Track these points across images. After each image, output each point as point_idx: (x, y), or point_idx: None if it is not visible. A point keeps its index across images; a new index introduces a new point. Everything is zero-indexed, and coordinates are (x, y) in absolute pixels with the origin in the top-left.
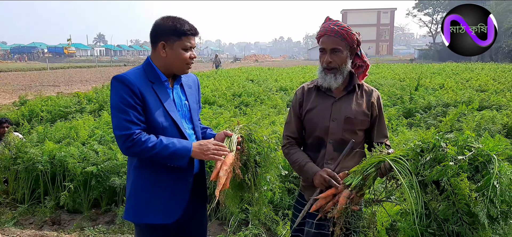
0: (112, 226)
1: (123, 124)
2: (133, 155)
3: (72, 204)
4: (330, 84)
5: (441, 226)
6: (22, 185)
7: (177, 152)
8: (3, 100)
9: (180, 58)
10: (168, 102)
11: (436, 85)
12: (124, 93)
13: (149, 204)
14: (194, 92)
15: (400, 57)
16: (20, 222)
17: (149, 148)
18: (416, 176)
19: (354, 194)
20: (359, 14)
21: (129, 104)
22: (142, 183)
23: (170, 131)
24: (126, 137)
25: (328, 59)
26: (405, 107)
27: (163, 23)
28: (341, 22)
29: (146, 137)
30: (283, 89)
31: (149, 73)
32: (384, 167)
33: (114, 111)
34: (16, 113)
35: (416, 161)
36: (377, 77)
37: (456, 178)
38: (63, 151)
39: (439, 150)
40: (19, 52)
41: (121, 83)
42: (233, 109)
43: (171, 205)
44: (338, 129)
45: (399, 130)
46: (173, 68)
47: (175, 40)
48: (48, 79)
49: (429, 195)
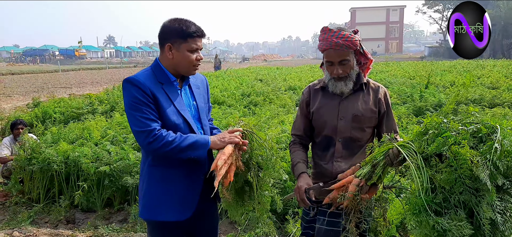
0: (125, 224)
1: (142, 121)
2: (154, 150)
3: (86, 203)
4: (342, 90)
5: (447, 198)
6: (37, 185)
7: (197, 142)
8: (17, 102)
9: (186, 60)
10: (178, 101)
11: (447, 83)
12: (137, 93)
13: (163, 201)
14: (202, 92)
15: (410, 55)
16: (35, 221)
17: (170, 141)
18: (421, 155)
19: (363, 182)
20: (368, 12)
21: (143, 102)
22: (155, 181)
23: (182, 129)
24: (147, 133)
25: (339, 71)
26: (415, 105)
27: (170, 25)
28: (341, 30)
29: (166, 132)
30: (292, 89)
31: (158, 74)
32: (392, 153)
33: (130, 111)
34: (29, 114)
35: (420, 141)
36: (386, 75)
37: (456, 147)
38: (77, 151)
39: (441, 126)
40: (31, 55)
41: (133, 85)
42: (243, 109)
43: (184, 203)
44: (347, 127)
45: (409, 129)
46: (180, 70)
47: (181, 42)
48: (60, 81)
49: (433, 168)
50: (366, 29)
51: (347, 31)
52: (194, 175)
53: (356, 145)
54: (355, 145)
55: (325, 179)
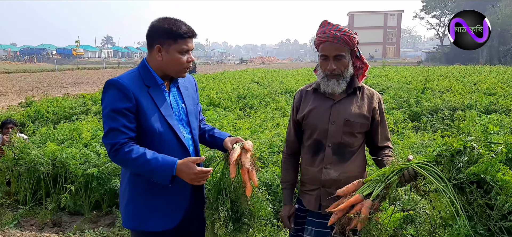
0: (113, 228)
1: (109, 131)
2: (118, 164)
3: (73, 206)
4: (333, 90)
5: (488, 226)
6: (24, 186)
7: (159, 168)
8: (11, 101)
9: (176, 62)
10: (165, 106)
11: (443, 88)
12: (117, 98)
13: (150, 211)
14: (191, 93)
15: (407, 59)
16: (21, 224)
17: (132, 159)
18: (448, 180)
19: (376, 204)
20: (366, 16)
21: (119, 111)
22: (140, 189)
23: (166, 136)
24: (111, 146)
25: (332, 66)
26: (411, 110)
27: (159, 25)
28: (340, 25)
29: (130, 148)
30: (288, 91)
31: (145, 76)
32: (408, 174)
33: (104, 118)
34: (22, 113)
35: (447, 166)
36: (383, 79)
37: (500, 174)
38: (65, 152)
39: (471, 152)
40: (29, 54)
41: (115, 88)
42: (238, 111)
43: (172, 211)
44: (337, 132)
45: (405, 134)
46: (169, 72)
47: (171, 43)
48: (56, 80)
49: (470, 196)
50: (364, 33)
51: (346, 28)
52: (181, 180)
53: (347, 150)
54: (346, 150)
55: (314, 187)
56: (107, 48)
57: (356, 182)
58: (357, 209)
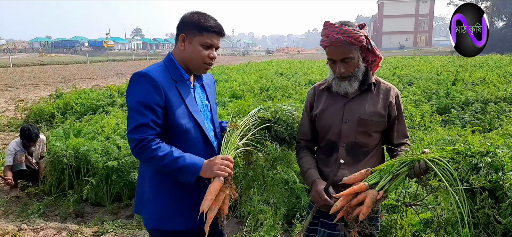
0: (132, 220)
1: (137, 126)
2: (143, 161)
3: (95, 197)
4: (346, 90)
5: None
6: (49, 177)
7: (186, 168)
8: (43, 93)
9: (198, 54)
10: (192, 103)
11: (476, 79)
12: (146, 91)
13: (174, 210)
14: (212, 92)
15: (440, 49)
16: (45, 214)
17: (159, 157)
18: (460, 181)
19: (381, 195)
20: (396, 4)
21: (148, 105)
22: (164, 187)
23: (193, 133)
24: (137, 141)
25: (341, 69)
26: (441, 102)
27: (189, 16)
28: (344, 25)
29: (157, 145)
30: (312, 83)
31: (171, 70)
32: (419, 167)
33: (130, 111)
34: (51, 105)
35: (462, 165)
36: (412, 70)
37: None
38: (87, 145)
39: (494, 157)
40: (62, 46)
41: (145, 81)
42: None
43: (195, 209)
44: (351, 131)
45: (432, 128)
46: (190, 65)
47: (195, 34)
48: (87, 72)
49: (481, 203)
50: (393, 22)
51: (351, 25)
52: (204, 182)
53: (362, 151)
54: (361, 151)
55: None
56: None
57: (364, 171)
58: (361, 199)
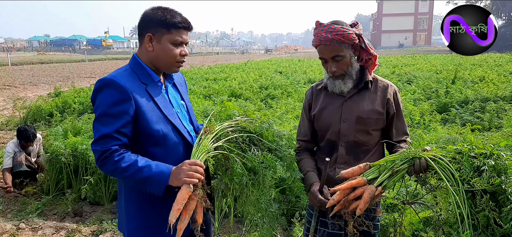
0: None
1: (100, 137)
2: (107, 173)
3: (93, 196)
4: (340, 89)
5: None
6: (47, 176)
7: (152, 178)
8: (42, 91)
9: (168, 54)
10: (166, 105)
11: (476, 78)
12: (111, 99)
13: (158, 222)
14: (185, 91)
15: (439, 47)
16: (44, 213)
17: (122, 169)
18: (461, 182)
19: (379, 191)
20: (396, 3)
21: (114, 114)
22: (146, 200)
23: (171, 138)
24: (99, 153)
25: (332, 68)
26: (440, 101)
27: (152, 13)
28: (333, 24)
29: (120, 156)
30: (312, 81)
31: (139, 73)
32: (419, 165)
33: (94, 121)
34: (50, 104)
35: (465, 167)
36: (412, 69)
37: None
38: (84, 144)
39: (497, 160)
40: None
41: (110, 88)
42: (259, 103)
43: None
44: (350, 130)
45: (432, 127)
46: (160, 65)
47: (163, 33)
48: (86, 70)
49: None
50: (393, 20)
51: (341, 24)
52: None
53: (361, 150)
54: (360, 150)
55: (328, 186)
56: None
57: (363, 165)
58: (358, 193)
